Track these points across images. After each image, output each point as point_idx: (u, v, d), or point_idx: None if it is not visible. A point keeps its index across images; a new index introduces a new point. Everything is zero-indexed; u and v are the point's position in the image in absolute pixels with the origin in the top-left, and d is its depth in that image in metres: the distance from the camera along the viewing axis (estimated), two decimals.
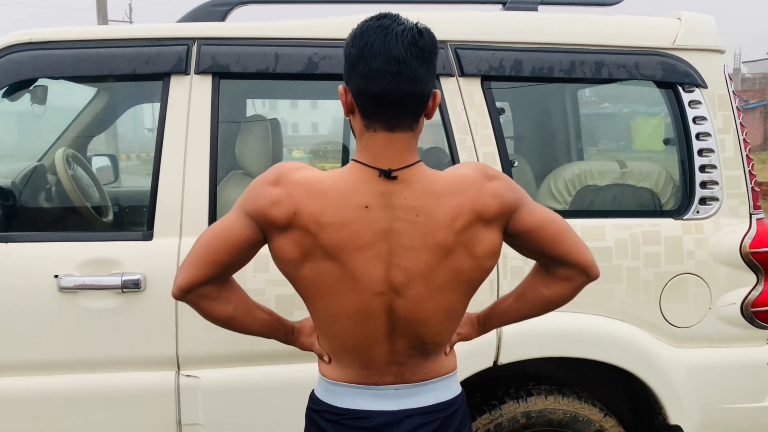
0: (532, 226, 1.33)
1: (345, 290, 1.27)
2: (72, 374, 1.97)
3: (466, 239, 1.27)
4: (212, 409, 1.99)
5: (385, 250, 1.25)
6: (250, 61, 2.04)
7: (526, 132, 3.09)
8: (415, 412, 1.34)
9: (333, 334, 1.35)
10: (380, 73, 1.17)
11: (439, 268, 1.27)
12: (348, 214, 1.23)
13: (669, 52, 2.22)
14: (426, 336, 1.33)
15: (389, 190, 1.23)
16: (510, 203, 1.30)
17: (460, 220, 1.25)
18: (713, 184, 2.20)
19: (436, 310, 1.31)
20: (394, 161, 1.23)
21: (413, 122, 1.24)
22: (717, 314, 2.18)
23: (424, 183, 1.25)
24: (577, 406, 2.16)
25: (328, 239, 1.23)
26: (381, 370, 1.34)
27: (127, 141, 14.62)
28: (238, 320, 1.39)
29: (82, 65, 2.00)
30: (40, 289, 1.92)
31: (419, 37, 1.19)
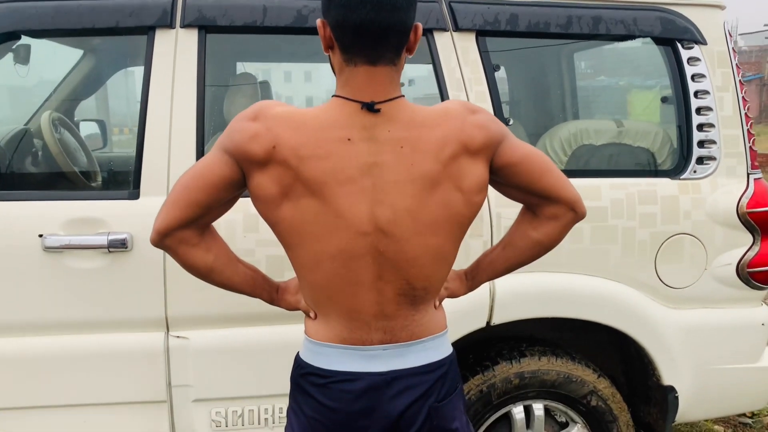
0: (517, 159, 1.31)
1: (328, 230, 1.22)
2: (59, 336, 1.93)
3: (453, 171, 1.23)
4: (202, 370, 1.97)
5: (369, 185, 1.21)
6: (238, 13, 1.97)
7: (522, 93, 3.04)
8: (405, 373, 1.30)
9: (317, 283, 1.29)
10: (359, 2, 1.13)
11: (427, 202, 1.23)
12: (329, 147, 1.19)
13: (668, 7, 2.17)
14: (415, 279, 1.28)
15: (372, 122, 1.20)
16: (495, 134, 1.28)
17: (447, 150, 1.22)
18: (711, 144, 2.16)
19: (425, 249, 1.26)
20: (377, 94, 1.20)
21: (395, 55, 1.20)
22: (712, 275, 2.16)
23: (408, 115, 1.22)
24: (571, 367, 2.15)
25: (308, 173, 1.19)
26: (369, 322, 1.29)
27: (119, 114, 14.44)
28: (219, 271, 1.34)
29: (62, 18, 1.93)
30: (25, 249, 1.88)
31: None
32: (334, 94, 1.23)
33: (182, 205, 1.25)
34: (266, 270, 1.93)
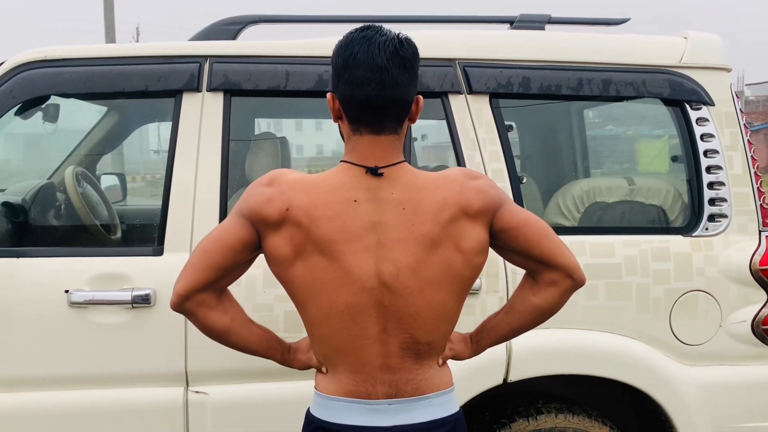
0: (515, 223, 1.36)
1: (335, 285, 1.29)
2: (81, 390, 1.96)
3: (452, 233, 1.30)
4: (221, 425, 1.98)
5: (374, 242, 1.28)
6: (261, 78, 2.06)
7: (534, 150, 3.10)
8: (410, 428, 1.32)
9: (325, 337, 1.34)
10: (364, 81, 1.25)
11: (427, 260, 1.30)
12: (337, 207, 1.28)
13: (676, 70, 2.23)
14: (419, 334, 1.32)
15: (376, 185, 1.30)
16: (493, 199, 1.35)
17: (445, 213, 1.30)
18: (722, 201, 2.20)
19: (427, 305, 1.31)
20: (379, 160, 1.30)
21: (397, 126, 1.32)
22: (727, 332, 2.17)
23: (409, 179, 1.32)
24: (588, 425, 2.14)
25: (318, 232, 1.28)
26: (374, 375, 1.33)
27: (133, 162, 14.69)
28: (235, 332, 1.40)
29: (95, 82, 2.03)
30: (51, 304, 1.93)
31: (400, 46, 1.28)
32: (342, 159, 1.33)
33: (201, 268, 1.32)
34: (285, 325, 1.97)
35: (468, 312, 2.03)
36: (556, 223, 2.29)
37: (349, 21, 2.37)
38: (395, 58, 1.26)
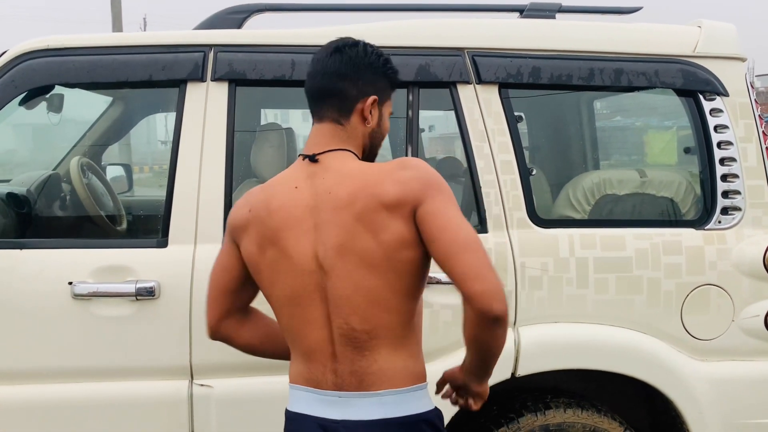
0: (431, 228, 1.27)
1: (284, 272, 1.35)
2: (84, 382, 1.95)
3: (368, 222, 1.30)
4: (226, 419, 1.96)
5: (311, 225, 1.34)
6: (267, 68, 2.03)
7: (544, 142, 3.06)
8: (355, 424, 1.31)
9: (283, 326, 1.42)
10: (312, 73, 1.43)
11: (349, 245, 1.31)
12: (284, 196, 1.38)
13: (689, 59, 2.19)
14: (352, 320, 1.31)
15: (314, 171, 1.37)
16: (412, 192, 1.29)
17: (359, 202, 1.31)
18: (735, 194, 2.16)
19: (356, 289, 1.31)
20: (319, 147, 1.39)
21: (338, 116, 1.39)
22: (740, 326, 2.13)
23: (340, 165, 1.37)
24: (597, 420, 2.11)
25: (271, 222, 1.36)
26: (324, 363, 1.34)
27: (140, 153, 14.70)
28: (269, 345, 1.53)
29: (98, 72, 2.00)
30: (54, 296, 1.91)
31: (348, 46, 1.41)
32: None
33: (215, 298, 1.48)
34: None
35: None
36: (566, 216, 2.26)
37: (356, 10, 2.33)
38: (337, 54, 1.39)
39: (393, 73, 1.46)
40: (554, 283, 2.06)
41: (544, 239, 2.08)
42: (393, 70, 1.45)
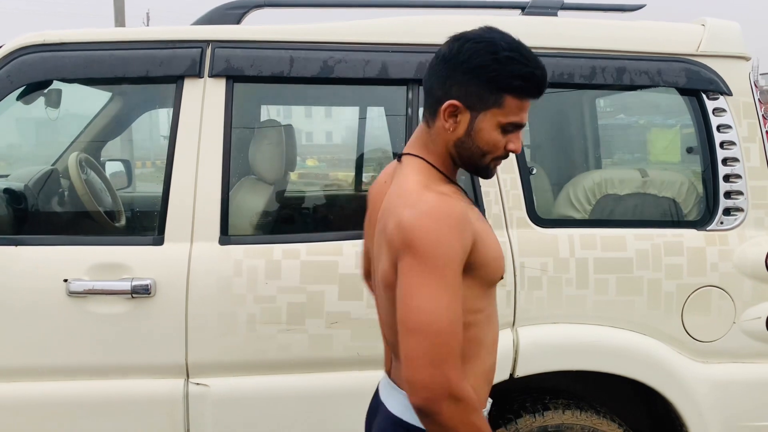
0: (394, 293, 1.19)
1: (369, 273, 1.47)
2: (79, 380, 1.93)
3: (381, 244, 1.26)
4: (221, 418, 1.95)
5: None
6: (265, 64, 2.01)
7: (544, 140, 3.04)
8: (378, 402, 1.40)
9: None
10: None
11: (376, 255, 1.32)
12: (374, 188, 1.43)
13: (692, 58, 2.16)
14: (383, 328, 1.37)
15: (396, 171, 1.34)
16: (396, 243, 1.18)
17: (380, 223, 1.30)
18: (738, 195, 2.14)
19: (379, 299, 1.34)
20: (407, 147, 1.34)
21: (428, 117, 1.30)
22: (741, 328, 2.11)
23: (401, 174, 1.30)
24: (596, 422, 2.09)
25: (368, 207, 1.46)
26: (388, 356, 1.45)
27: (143, 148, 14.67)
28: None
29: (95, 67, 1.98)
30: (50, 293, 1.90)
31: (455, 40, 1.26)
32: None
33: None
34: (287, 316, 1.94)
35: None
36: (566, 216, 2.24)
37: (356, 6, 2.31)
38: (443, 47, 1.28)
39: (498, 77, 1.21)
40: (554, 284, 2.04)
41: (544, 239, 2.06)
42: (497, 73, 1.21)
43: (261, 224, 2.29)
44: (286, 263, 1.95)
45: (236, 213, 2.15)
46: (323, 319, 1.95)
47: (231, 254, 1.95)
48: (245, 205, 2.26)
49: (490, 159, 1.29)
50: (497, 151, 1.28)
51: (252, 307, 1.93)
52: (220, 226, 1.97)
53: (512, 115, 1.25)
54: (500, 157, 1.30)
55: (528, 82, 1.23)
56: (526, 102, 1.25)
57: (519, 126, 1.27)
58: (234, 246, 1.96)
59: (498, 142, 1.27)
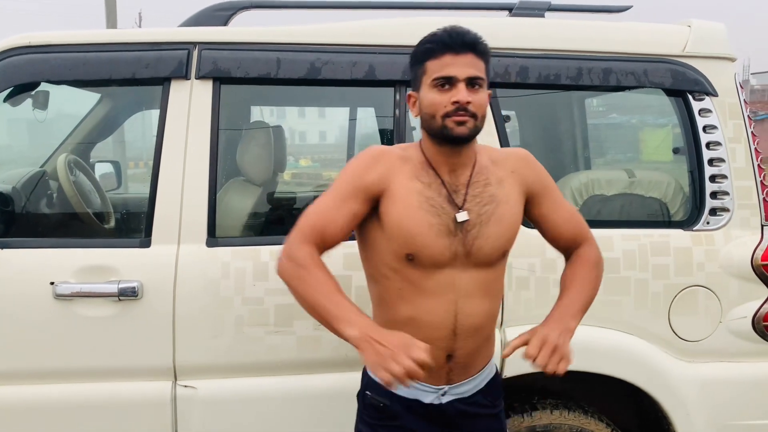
0: None
1: None
2: (67, 383, 1.93)
3: None
4: (209, 421, 1.94)
5: None
6: (252, 66, 2.01)
7: (532, 141, 3.05)
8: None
9: None
10: None
11: None
12: None
13: (678, 59, 2.17)
14: None
15: None
16: None
17: None
18: (724, 195, 2.15)
19: None
20: None
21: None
22: (728, 328, 2.12)
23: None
24: (584, 422, 2.10)
25: None
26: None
27: (135, 148, 14.61)
28: None
29: (81, 69, 1.98)
30: (36, 297, 1.89)
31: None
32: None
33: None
34: (275, 317, 1.94)
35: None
36: None
37: (344, 7, 2.31)
38: None
39: (415, 54, 1.54)
40: (541, 284, 2.05)
41: (531, 239, 2.05)
42: (414, 52, 1.54)
43: (249, 226, 2.28)
44: (273, 265, 1.94)
45: (224, 215, 2.15)
46: (311, 320, 1.94)
47: (218, 256, 1.95)
48: (233, 207, 2.25)
49: (440, 117, 1.46)
50: (440, 108, 1.46)
51: (240, 309, 1.93)
52: (207, 228, 1.97)
53: (436, 72, 1.46)
54: (450, 114, 1.45)
55: (433, 42, 1.47)
56: (445, 57, 1.45)
57: (448, 79, 1.45)
58: (221, 248, 1.96)
59: (435, 98, 1.46)
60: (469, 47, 1.46)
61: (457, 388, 1.59)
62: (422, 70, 1.50)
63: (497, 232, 1.53)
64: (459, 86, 1.45)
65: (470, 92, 1.45)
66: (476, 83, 1.47)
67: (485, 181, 1.55)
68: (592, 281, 1.65)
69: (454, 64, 1.45)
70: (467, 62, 1.46)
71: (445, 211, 1.50)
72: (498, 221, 1.53)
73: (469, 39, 1.47)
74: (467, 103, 1.43)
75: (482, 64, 1.49)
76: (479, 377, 1.63)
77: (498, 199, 1.54)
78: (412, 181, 1.50)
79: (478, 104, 1.46)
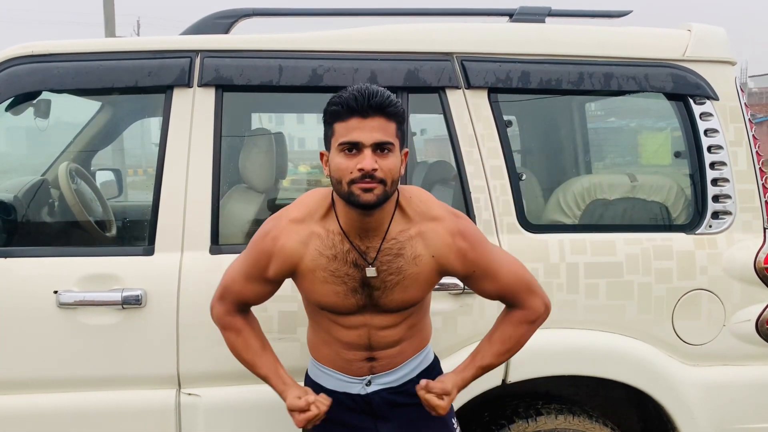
0: None
1: None
2: (71, 392, 1.92)
3: None
4: (214, 428, 1.94)
5: None
6: (254, 73, 2.01)
7: (534, 146, 3.05)
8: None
9: None
10: None
11: None
12: None
13: (679, 63, 2.18)
14: None
15: None
16: None
17: None
18: (726, 198, 2.15)
19: None
20: None
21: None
22: (731, 331, 2.12)
23: None
24: (588, 426, 2.10)
25: None
26: None
27: (134, 156, 14.61)
28: None
29: (83, 78, 1.98)
30: (40, 305, 1.89)
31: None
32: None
33: None
34: (279, 324, 1.93)
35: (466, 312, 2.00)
36: (556, 221, 2.25)
37: (344, 14, 2.32)
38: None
39: (324, 115, 1.48)
40: (545, 289, 2.03)
41: (534, 244, 2.07)
42: (323, 113, 1.48)
43: (252, 233, 2.27)
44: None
45: (227, 222, 2.15)
46: None
47: (222, 264, 1.94)
48: (236, 214, 2.25)
49: (346, 183, 1.42)
50: (346, 173, 1.42)
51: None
52: (210, 236, 1.97)
53: (342, 137, 1.41)
54: (356, 181, 1.41)
55: (339, 105, 1.42)
56: (352, 121, 1.40)
57: (354, 144, 1.41)
58: (225, 255, 1.96)
59: (341, 164, 1.42)
60: (376, 110, 1.40)
61: (383, 378, 1.64)
62: (331, 132, 1.46)
63: (402, 297, 1.56)
64: (365, 152, 1.40)
65: (378, 157, 1.41)
66: (385, 148, 1.42)
67: (397, 252, 1.53)
68: (513, 337, 1.65)
69: (361, 128, 1.40)
70: (375, 126, 1.40)
71: (351, 276, 1.53)
72: (403, 290, 1.55)
73: (376, 102, 1.40)
74: (373, 170, 1.39)
75: (393, 126, 1.43)
76: (408, 366, 1.66)
77: (405, 273, 1.53)
78: (317, 258, 1.52)
79: (387, 170, 1.41)
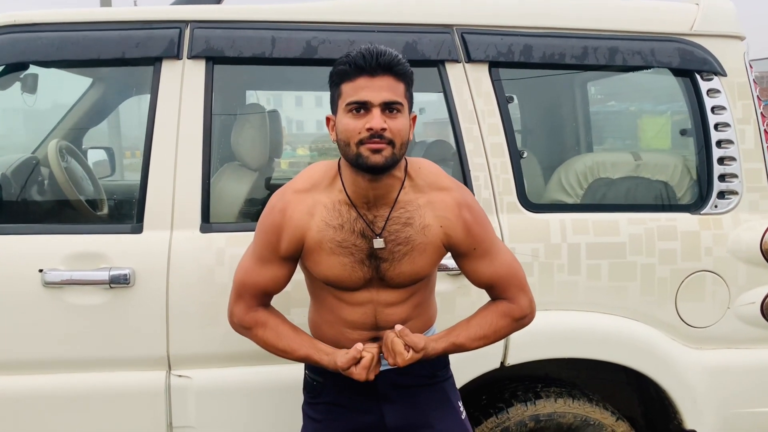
0: None
1: None
2: (57, 374, 1.87)
3: None
4: (204, 410, 1.89)
5: None
6: (246, 45, 1.94)
7: (535, 123, 2.99)
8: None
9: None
10: None
11: None
12: None
13: (686, 38, 2.11)
14: None
15: None
16: None
17: None
18: (732, 177, 2.09)
19: None
20: None
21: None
22: (736, 314, 2.07)
23: None
24: (588, 410, 2.06)
25: None
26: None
27: (131, 138, 14.52)
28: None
29: (68, 49, 1.90)
30: (24, 284, 1.83)
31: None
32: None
33: None
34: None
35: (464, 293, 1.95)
36: (557, 200, 2.19)
37: None
38: None
39: (331, 76, 1.45)
40: (545, 270, 1.99)
41: (534, 224, 2.01)
42: (330, 74, 1.45)
43: (244, 211, 2.22)
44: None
45: (218, 200, 2.09)
46: (307, 308, 1.89)
47: (213, 242, 1.89)
48: (228, 192, 2.19)
49: (354, 144, 1.39)
50: (354, 134, 1.38)
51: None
52: (201, 214, 1.91)
53: (349, 96, 1.38)
54: (364, 141, 1.38)
55: (346, 64, 1.39)
56: (360, 80, 1.38)
57: (362, 104, 1.38)
58: (216, 234, 1.90)
59: (348, 124, 1.39)
60: (385, 69, 1.38)
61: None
62: (338, 93, 1.43)
63: (411, 269, 1.52)
64: (374, 111, 1.37)
65: (387, 117, 1.37)
66: (394, 108, 1.39)
67: (405, 221, 1.49)
68: (492, 326, 1.57)
69: (369, 87, 1.37)
70: (383, 85, 1.38)
71: (359, 247, 1.49)
72: (411, 262, 1.51)
73: (385, 60, 1.37)
74: (382, 129, 1.36)
75: (401, 86, 1.40)
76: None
77: (413, 244, 1.49)
78: (324, 229, 1.49)
79: (396, 130, 1.38)
